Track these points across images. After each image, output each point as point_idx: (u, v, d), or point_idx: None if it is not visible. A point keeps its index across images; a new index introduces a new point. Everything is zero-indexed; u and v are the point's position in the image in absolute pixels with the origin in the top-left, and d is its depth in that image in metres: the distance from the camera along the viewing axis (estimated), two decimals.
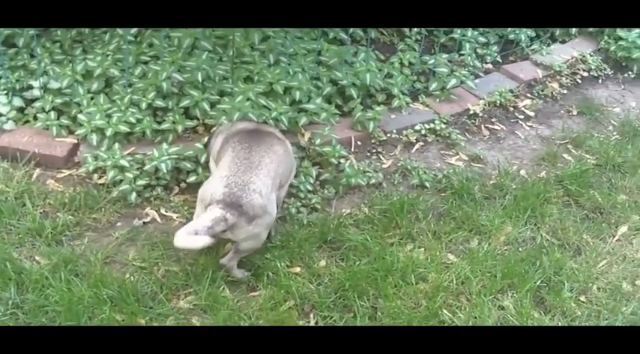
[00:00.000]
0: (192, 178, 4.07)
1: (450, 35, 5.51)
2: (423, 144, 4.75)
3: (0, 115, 4.31)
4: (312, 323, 3.48)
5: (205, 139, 4.16)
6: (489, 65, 5.60)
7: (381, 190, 4.33)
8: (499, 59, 5.63)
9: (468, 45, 5.50)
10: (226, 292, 3.56)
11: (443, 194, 4.34)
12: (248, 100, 4.27)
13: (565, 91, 5.51)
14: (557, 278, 3.83)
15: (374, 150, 4.64)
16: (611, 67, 5.86)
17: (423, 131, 4.79)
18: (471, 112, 5.06)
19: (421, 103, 5.04)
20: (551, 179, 4.54)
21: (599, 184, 4.57)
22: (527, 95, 5.39)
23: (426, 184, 4.38)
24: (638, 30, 5.89)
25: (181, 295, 3.53)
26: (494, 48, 5.66)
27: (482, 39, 5.64)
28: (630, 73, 5.84)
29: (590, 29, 6.05)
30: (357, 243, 3.86)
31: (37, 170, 4.14)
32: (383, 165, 4.54)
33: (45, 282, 3.45)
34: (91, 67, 4.40)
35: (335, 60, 4.79)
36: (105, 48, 4.59)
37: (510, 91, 5.31)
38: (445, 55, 5.33)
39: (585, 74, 5.72)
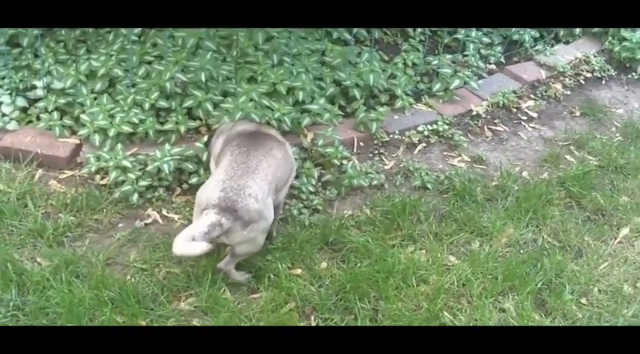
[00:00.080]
0: (194, 179, 4.07)
1: (454, 36, 5.51)
2: (425, 145, 4.75)
3: (3, 115, 4.32)
4: (313, 325, 3.49)
5: (206, 137, 4.16)
6: (493, 66, 5.60)
7: (383, 192, 4.34)
8: (502, 60, 5.62)
9: (471, 46, 5.49)
10: (227, 294, 3.57)
11: (445, 196, 4.34)
12: (251, 101, 4.28)
13: (568, 92, 5.51)
14: (558, 280, 3.83)
15: (376, 151, 4.64)
16: (615, 68, 5.85)
17: (425, 132, 4.79)
18: (474, 113, 5.06)
19: (424, 103, 5.04)
20: (554, 181, 4.53)
21: (601, 186, 4.56)
22: (531, 96, 5.38)
23: (428, 186, 4.38)
24: None
25: (182, 297, 3.54)
26: (497, 49, 5.65)
27: (486, 39, 5.63)
28: (634, 74, 5.84)
29: (594, 30, 6.04)
30: (359, 245, 3.87)
31: (40, 171, 4.15)
32: (385, 166, 4.54)
33: (46, 283, 3.46)
34: (95, 67, 4.42)
35: (338, 60, 4.80)
36: (109, 48, 4.60)
37: (513, 92, 5.31)
38: (449, 56, 5.32)
39: (589, 75, 5.71)
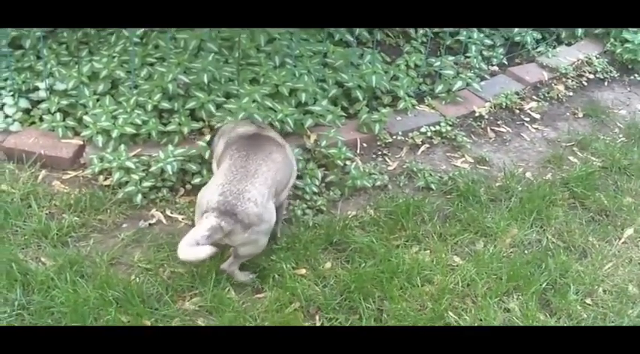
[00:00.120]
0: (197, 179, 4.07)
1: (456, 37, 5.51)
2: (428, 146, 4.75)
3: (6, 117, 4.32)
4: (318, 325, 3.48)
5: (209, 137, 4.16)
6: (495, 67, 5.60)
7: (387, 192, 4.33)
8: (505, 61, 5.62)
9: (473, 47, 5.49)
10: (232, 293, 3.56)
11: (448, 196, 4.34)
12: (254, 102, 4.28)
13: (571, 94, 5.50)
14: (562, 281, 3.82)
15: (379, 152, 4.64)
16: (617, 70, 5.85)
17: (428, 133, 4.79)
18: (477, 114, 5.06)
19: (427, 105, 5.04)
20: (557, 182, 4.53)
21: (604, 187, 4.56)
22: (533, 97, 5.38)
23: (432, 187, 4.37)
24: None
25: (187, 297, 3.53)
26: (500, 50, 5.64)
27: (488, 41, 5.63)
28: (636, 75, 5.84)
29: (596, 31, 6.05)
30: (363, 245, 3.86)
31: (43, 172, 4.15)
32: (388, 167, 4.53)
33: (50, 283, 3.46)
34: (97, 68, 4.41)
35: (341, 62, 4.79)
36: (111, 49, 4.60)
37: (516, 94, 5.30)
38: (451, 58, 5.32)
39: (591, 76, 5.71)
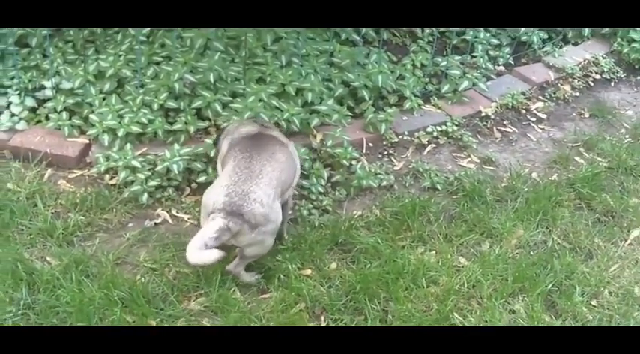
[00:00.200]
0: (202, 177, 4.07)
1: (462, 37, 5.50)
2: (434, 146, 4.74)
3: (12, 115, 4.32)
4: (323, 325, 3.48)
5: (215, 136, 4.16)
6: (501, 67, 5.58)
7: (393, 193, 4.33)
8: (511, 61, 5.61)
9: (480, 47, 5.48)
10: (237, 293, 3.56)
11: (454, 197, 4.33)
12: (260, 101, 4.28)
13: (577, 94, 5.49)
14: (568, 282, 3.81)
15: (385, 152, 4.63)
16: (624, 70, 5.83)
17: (434, 133, 4.78)
18: (483, 114, 5.05)
19: (433, 105, 5.03)
20: (563, 182, 4.52)
21: (610, 188, 4.55)
22: (539, 98, 5.37)
23: (438, 187, 4.37)
24: None
25: (192, 297, 3.53)
26: (506, 50, 5.63)
27: (494, 41, 5.61)
28: None
29: (603, 31, 6.03)
30: (368, 245, 3.86)
31: (49, 170, 4.16)
32: (394, 167, 4.53)
33: (56, 282, 3.46)
34: (104, 67, 4.42)
35: (347, 61, 4.79)
36: (117, 48, 4.60)
37: (522, 94, 5.29)
38: (457, 57, 5.31)
39: (597, 77, 5.70)
